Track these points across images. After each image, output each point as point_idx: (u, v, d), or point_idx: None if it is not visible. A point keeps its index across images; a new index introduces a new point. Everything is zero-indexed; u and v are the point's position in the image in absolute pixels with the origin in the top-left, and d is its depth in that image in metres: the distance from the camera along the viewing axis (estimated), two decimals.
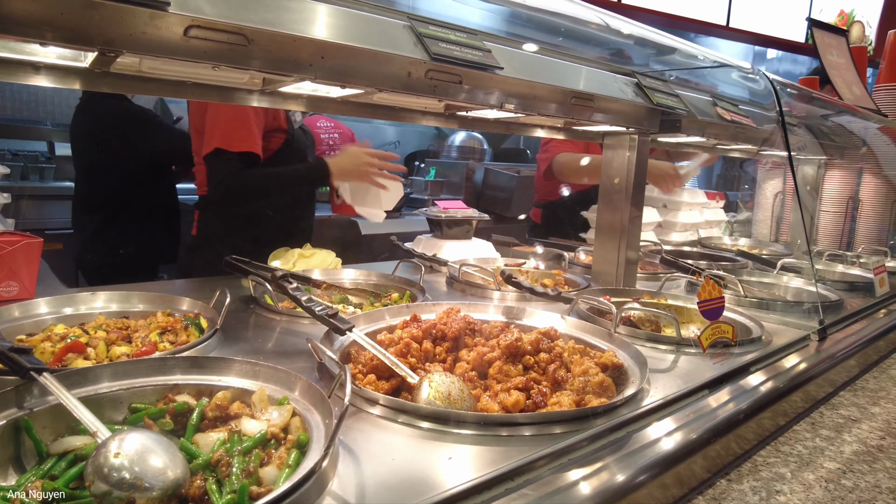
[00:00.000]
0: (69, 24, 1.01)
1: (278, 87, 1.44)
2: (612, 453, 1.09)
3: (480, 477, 0.92)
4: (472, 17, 1.76)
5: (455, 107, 1.73)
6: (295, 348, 1.53)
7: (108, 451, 0.88)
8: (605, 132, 2.40)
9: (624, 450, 1.11)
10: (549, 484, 0.98)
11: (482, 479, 0.92)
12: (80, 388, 1.10)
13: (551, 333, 1.59)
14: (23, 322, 1.51)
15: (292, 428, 1.04)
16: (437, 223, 2.68)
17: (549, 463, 1.02)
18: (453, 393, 1.35)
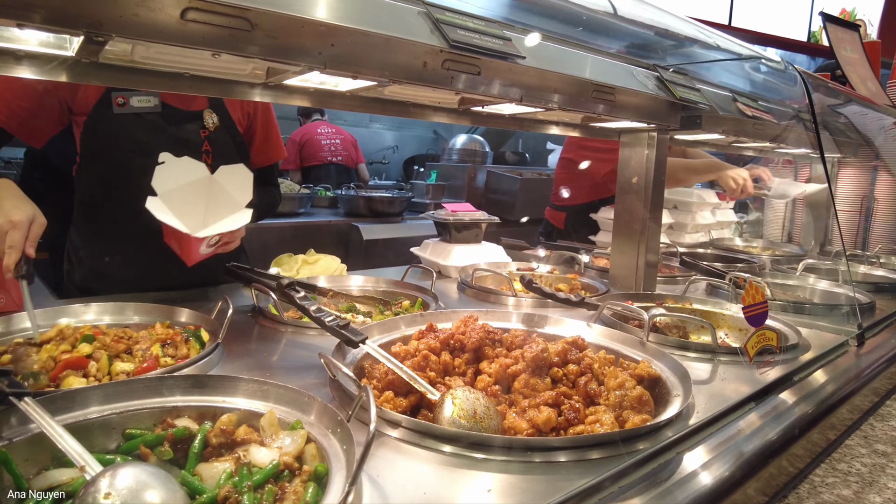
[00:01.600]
0: (52, 2, 0.89)
1: (283, 80, 1.32)
2: (666, 478, 0.98)
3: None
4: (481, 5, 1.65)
5: (471, 101, 1.62)
6: (304, 362, 1.41)
7: (98, 491, 0.76)
8: (621, 129, 2.29)
9: (678, 473, 1.00)
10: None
11: None
12: (67, 414, 0.98)
13: (579, 343, 1.47)
14: (12, 336, 1.39)
15: (307, 456, 0.93)
16: (445, 226, 2.56)
17: (600, 491, 0.91)
18: (479, 411, 1.23)
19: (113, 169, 1.91)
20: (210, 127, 1.99)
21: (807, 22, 6.62)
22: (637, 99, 1.90)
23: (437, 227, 2.65)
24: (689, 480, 1.00)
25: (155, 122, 1.90)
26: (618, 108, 1.85)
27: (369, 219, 4.82)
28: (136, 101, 1.86)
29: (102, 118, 1.85)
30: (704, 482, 1.01)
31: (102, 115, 1.85)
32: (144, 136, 1.89)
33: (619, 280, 2.34)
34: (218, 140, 2.02)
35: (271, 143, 2.26)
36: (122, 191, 1.91)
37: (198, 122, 1.98)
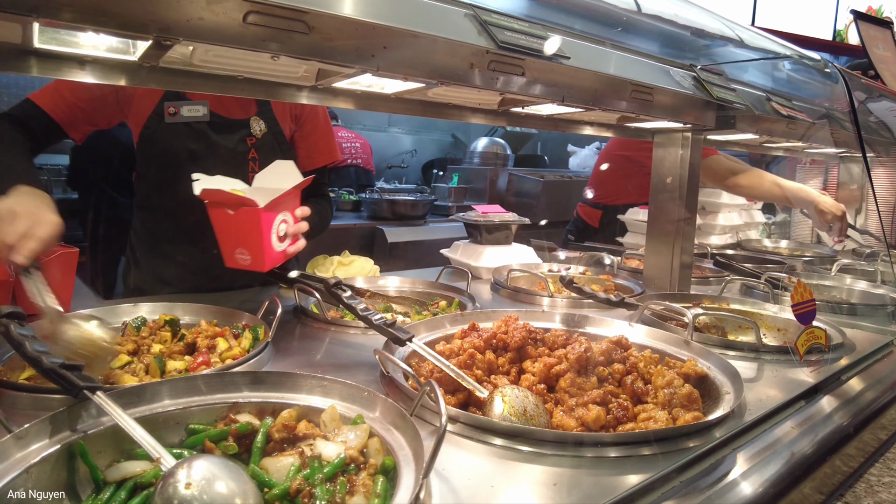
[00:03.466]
0: (124, 9, 0.92)
1: (332, 83, 1.34)
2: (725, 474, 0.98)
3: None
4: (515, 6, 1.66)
5: (512, 101, 1.63)
6: (350, 360, 1.43)
7: (177, 482, 0.78)
8: (655, 129, 2.29)
9: (737, 469, 1.00)
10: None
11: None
12: (134, 408, 1.00)
13: (623, 342, 1.48)
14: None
15: (371, 450, 0.94)
16: (476, 228, 2.57)
17: (664, 485, 0.91)
18: (528, 409, 1.24)
19: (166, 176, 1.97)
20: (257, 134, 2.03)
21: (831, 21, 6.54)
22: (674, 99, 1.90)
23: (467, 229, 2.66)
24: (748, 477, 1.00)
25: (204, 130, 1.95)
26: (655, 108, 1.85)
27: (393, 222, 4.85)
28: (186, 110, 1.91)
29: (156, 128, 1.90)
30: (762, 479, 1.01)
31: (156, 124, 1.90)
32: (194, 145, 1.94)
33: (654, 281, 2.34)
34: (265, 147, 2.06)
35: (319, 145, 2.24)
36: (174, 196, 1.96)
37: (245, 130, 2.02)
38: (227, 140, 1.99)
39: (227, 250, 1.55)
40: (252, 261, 1.53)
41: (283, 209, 1.57)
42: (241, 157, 2.02)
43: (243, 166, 2.03)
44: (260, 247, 1.50)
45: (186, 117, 1.92)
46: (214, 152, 1.96)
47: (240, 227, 1.50)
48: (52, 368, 0.97)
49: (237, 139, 2.01)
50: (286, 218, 1.58)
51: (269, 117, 2.08)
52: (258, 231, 1.48)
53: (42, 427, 0.89)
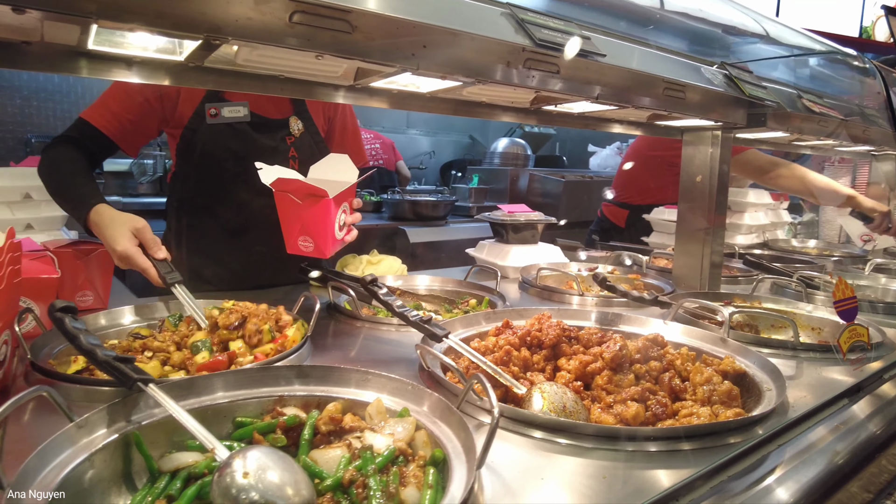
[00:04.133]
0: (177, 9, 0.95)
1: (370, 82, 1.36)
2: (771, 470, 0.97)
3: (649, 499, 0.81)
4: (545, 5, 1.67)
5: (545, 99, 1.63)
6: (388, 356, 1.44)
7: (235, 471, 0.79)
8: (684, 128, 2.28)
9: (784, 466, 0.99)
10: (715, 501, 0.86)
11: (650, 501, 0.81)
12: (183, 401, 1.02)
13: (659, 340, 1.47)
14: (107, 331, 1.46)
15: (418, 443, 0.95)
16: (502, 227, 2.58)
17: (711, 480, 0.91)
18: (568, 405, 1.24)
19: (206, 176, 2.00)
20: (296, 133, 2.06)
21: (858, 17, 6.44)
22: (706, 96, 1.89)
23: (493, 228, 2.66)
24: (796, 473, 0.99)
25: (244, 131, 1.98)
26: (687, 106, 1.84)
27: (414, 222, 4.87)
28: (228, 111, 1.94)
29: (197, 129, 1.94)
30: (809, 476, 1.00)
31: (197, 125, 1.94)
32: (235, 145, 1.97)
33: (683, 280, 2.32)
34: (303, 146, 2.09)
35: (347, 147, 2.26)
36: (213, 196, 2.01)
37: (284, 130, 2.05)
38: (267, 139, 2.02)
39: (290, 237, 1.61)
40: (315, 248, 1.59)
41: (344, 200, 1.64)
42: (282, 155, 2.05)
43: (283, 165, 2.05)
44: (325, 234, 1.57)
45: (227, 118, 1.95)
46: (255, 152, 1.99)
47: (307, 216, 1.56)
48: (106, 360, 0.99)
49: (277, 138, 2.05)
50: (345, 209, 1.66)
51: (306, 117, 2.11)
52: (326, 219, 1.55)
53: (100, 417, 0.91)
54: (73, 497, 0.79)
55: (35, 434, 1.01)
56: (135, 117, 1.91)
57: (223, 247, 2.07)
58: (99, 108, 1.90)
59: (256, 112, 2.03)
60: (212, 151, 1.99)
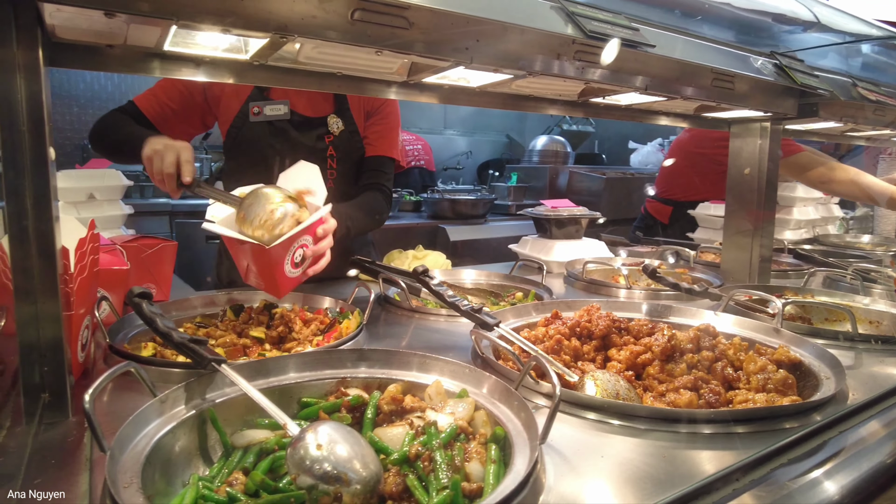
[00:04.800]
0: (248, 9, 1.00)
1: (423, 78, 1.40)
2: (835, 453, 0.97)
3: (709, 477, 0.82)
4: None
5: (593, 91, 1.65)
6: (440, 344, 1.48)
7: (309, 444, 0.83)
8: (732, 119, 2.25)
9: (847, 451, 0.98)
10: (774, 484, 0.87)
11: (710, 480, 0.82)
12: (253, 381, 1.07)
13: (711, 330, 1.47)
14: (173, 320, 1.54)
15: (478, 422, 0.98)
16: (546, 223, 2.59)
17: (767, 463, 0.91)
18: (621, 392, 1.26)
19: (250, 172, 2.08)
20: (334, 132, 2.12)
21: None
22: (755, 86, 1.87)
23: (536, 224, 2.68)
24: (857, 460, 0.98)
25: (285, 128, 2.05)
26: (736, 97, 1.83)
27: (454, 221, 4.91)
28: (269, 109, 2.02)
29: (242, 126, 2.03)
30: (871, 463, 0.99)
31: (241, 123, 2.03)
32: (276, 142, 2.05)
33: (732, 274, 2.29)
34: (342, 144, 2.14)
35: (383, 135, 2.27)
36: None
37: (323, 128, 2.11)
38: (306, 137, 2.09)
39: (244, 273, 1.50)
40: (266, 288, 1.48)
41: (299, 237, 1.43)
42: (320, 153, 2.11)
43: (322, 162, 2.11)
44: (272, 279, 1.42)
45: (269, 116, 2.02)
46: (295, 149, 2.06)
47: (252, 261, 1.43)
48: (182, 342, 1.06)
49: (316, 136, 2.11)
50: (305, 242, 1.46)
51: (346, 116, 2.16)
52: (269, 267, 1.39)
53: (179, 394, 0.97)
54: (161, 464, 0.85)
55: (116, 408, 1.08)
56: (177, 106, 2.01)
57: None
58: (148, 94, 2.02)
59: (297, 110, 2.09)
60: (255, 148, 2.07)
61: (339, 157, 2.15)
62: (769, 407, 1.07)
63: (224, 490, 0.83)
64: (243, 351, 1.41)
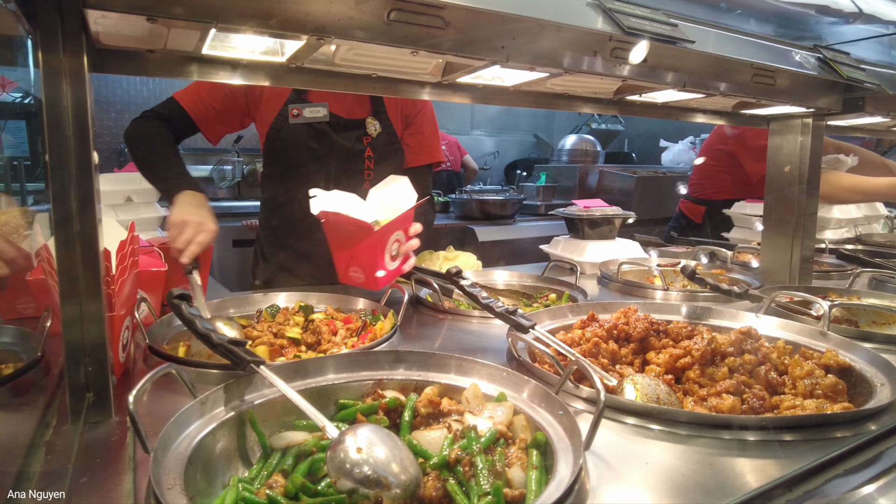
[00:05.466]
0: (286, 11, 1.00)
1: (458, 77, 1.39)
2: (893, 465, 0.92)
3: (761, 488, 0.79)
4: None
5: (629, 89, 1.61)
6: (474, 346, 1.47)
7: (347, 447, 0.83)
8: (770, 116, 2.19)
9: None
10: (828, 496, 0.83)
11: (762, 490, 0.79)
12: (291, 383, 1.08)
13: (752, 333, 1.43)
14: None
15: (517, 426, 0.96)
16: (577, 223, 2.55)
17: (822, 474, 0.88)
18: (661, 396, 1.23)
19: (289, 173, 2.11)
20: (372, 134, 2.13)
21: None
22: (797, 81, 1.81)
23: (568, 224, 2.64)
24: None
25: (324, 130, 2.07)
26: (777, 92, 1.77)
27: (482, 221, 4.89)
28: (308, 111, 2.03)
29: (281, 128, 2.05)
30: None
31: (281, 125, 2.05)
32: (315, 144, 2.07)
33: (771, 275, 2.23)
34: (379, 146, 2.15)
35: (424, 144, 2.30)
36: (297, 193, 2.11)
37: (361, 130, 2.13)
38: (344, 139, 2.10)
39: (341, 268, 1.57)
40: (365, 279, 1.53)
41: (397, 229, 1.55)
42: (358, 155, 2.12)
43: (359, 164, 2.13)
44: (374, 268, 1.50)
45: (308, 118, 2.04)
46: (333, 151, 2.07)
47: (354, 248, 1.50)
48: (221, 343, 1.06)
49: (354, 138, 2.12)
50: (399, 237, 1.57)
51: (384, 117, 2.17)
52: (373, 252, 1.48)
53: (218, 395, 0.97)
54: (202, 465, 0.86)
55: (155, 408, 1.09)
56: (219, 106, 2.04)
57: (309, 243, 2.16)
58: (189, 91, 2.05)
59: (335, 112, 2.11)
60: (294, 150, 2.09)
61: (376, 158, 2.16)
62: (822, 414, 1.03)
63: (264, 492, 0.84)
64: (280, 352, 1.42)
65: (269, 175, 2.21)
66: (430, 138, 2.34)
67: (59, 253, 1.00)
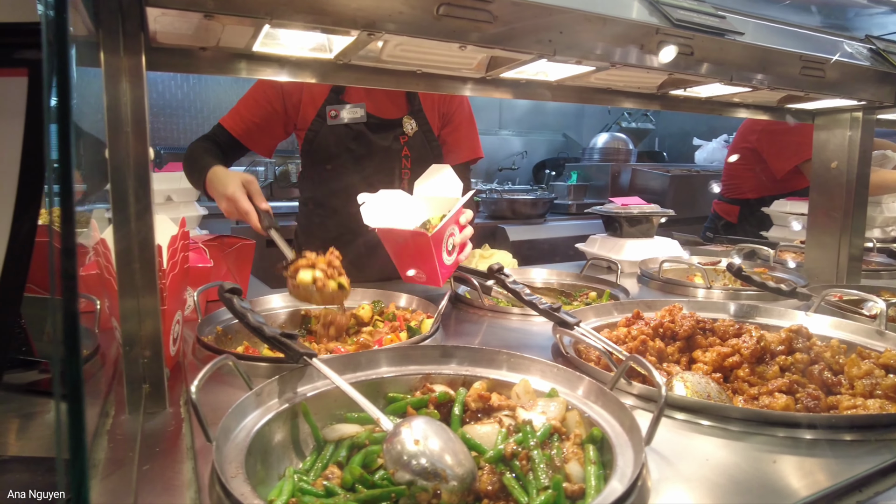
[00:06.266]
0: (338, 7, 1.01)
1: (502, 73, 1.38)
2: None
3: (831, 487, 0.77)
4: None
5: (675, 83, 1.59)
6: (518, 342, 1.46)
7: (404, 439, 0.83)
8: (816, 111, 2.13)
9: None
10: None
11: (832, 489, 0.76)
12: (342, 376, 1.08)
13: (803, 332, 1.39)
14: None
15: (570, 422, 0.95)
16: (615, 221, 2.52)
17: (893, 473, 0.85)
18: (712, 394, 1.20)
19: (328, 174, 2.13)
20: (409, 133, 2.14)
21: None
22: (848, 73, 1.76)
23: (605, 222, 2.62)
24: None
25: (362, 131, 2.09)
26: (826, 85, 1.73)
27: (512, 220, 4.87)
28: (347, 112, 2.06)
29: (319, 130, 2.08)
30: None
31: (319, 127, 2.08)
32: (353, 144, 2.09)
33: (816, 274, 2.17)
34: (416, 145, 2.16)
35: (463, 142, 2.30)
36: (335, 193, 2.13)
37: (398, 129, 2.14)
38: (382, 139, 2.11)
39: (402, 269, 1.60)
40: (427, 279, 1.56)
41: (450, 226, 1.57)
42: (395, 154, 2.13)
43: (396, 163, 2.14)
44: (433, 267, 1.53)
45: (346, 119, 2.06)
46: (371, 151, 2.09)
47: (412, 252, 1.54)
48: (274, 336, 1.08)
49: (391, 138, 2.13)
50: (453, 231, 1.59)
51: (420, 116, 2.18)
52: (429, 255, 1.50)
53: (273, 387, 0.99)
54: (261, 455, 0.87)
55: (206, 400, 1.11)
56: (260, 121, 2.08)
57: (347, 242, 2.18)
58: (232, 113, 2.10)
59: (372, 113, 2.12)
60: (332, 151, 2.11)
61: (413, 157, 2.17)
62: (892, 414, 1.00)
63: (321, 483, 0.84)
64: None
65: (306, 176, 2.24)
66: (468, 135, 2.33)
67: (118, 247, 1.02)
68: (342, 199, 2.16)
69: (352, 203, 2.12)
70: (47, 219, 1.42)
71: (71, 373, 0.40)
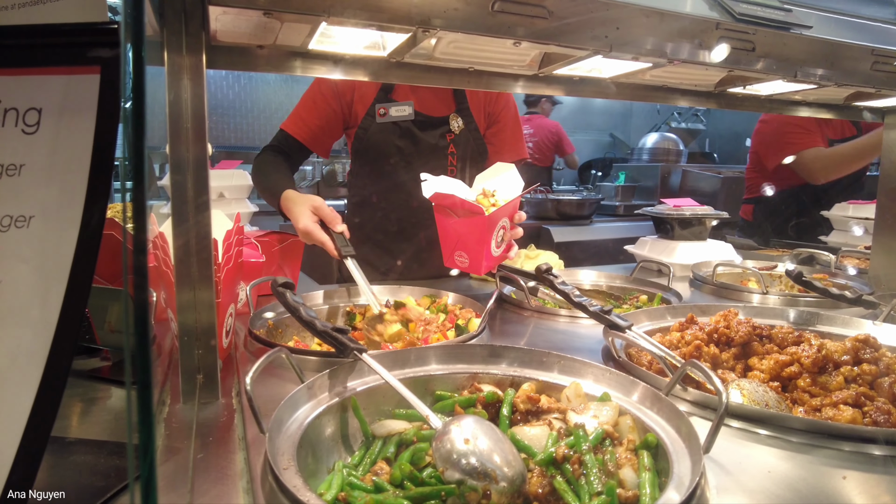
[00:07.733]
0: (394, 4, 1.01)
1: (555, 69, 1.36)
2: None
3: None
4: None
5: (734, 80, 1.53)
6: (566, 345, 1.44)
7: (456, 437, 0.82)
8: (886, 109, 2.02)
9: None
10: None
11: None
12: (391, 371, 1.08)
13: (871, 341, 1.32)
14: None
15: (623, 427, 0.93)
16: (666, 222, 2.46)
17: None
18: (770, 403, 1.16)
19: (376, 171, 2.16)
20: (455, 130, 2.14)
21: None
22: None
23: (656, 224, 2.55)
24: None
25: (409, 128, 2.10)
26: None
27: (558, 221, 4.81)
28: (395, 110, 2.07)
29: (368, 128, 2.10)
30: None
31: (369, 125, 2.10)
32: (400, 142, 2.11)
33: (883, 281, 2.06)
34: (462, 142, 2.16)
35: (508, 142, 2.29)
36: (384, 191, 2.16)
37: (445, 127, 2.15)
38: (429, 136, 2.12)
39: (447, 251, 1.60)
40: (469, 264, 1.56)
41: (505, 215, 1.58)
42: (441, 152, 2.14)
43: (443, 161, 2.14)
44: (479, 252, 1.52)
45: (395, 117, 2.08)
46: (418, 148, 2.10)
47: (463, 232, 1.53)
48: (325, 331, 1.09)
49: (438, 135, 2.13)
50: (505, 224, 1.59)
51: (467, 114, 2.18)
52: (481, 237, 1.50)
53: (323, 381, 1.00)
54: (311, 448, 0.87)
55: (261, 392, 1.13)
56: (322, 122, 2.12)
57: (396, 240, 2.20)
58: (293, 118, 2.15)
59: (420, 111, 2.13)
60: (381, 148, 2.13)
61: (459, 154, 2.17)
62: None
63: (370, 479, 0.84)
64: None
65: (356, 173, 2.27)
66: (514, 136, 2.32)
67: (177, 242, 1.05)
68: (390, 197, 2.19)
69: (400, 201, 2.14)
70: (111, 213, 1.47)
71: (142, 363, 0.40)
